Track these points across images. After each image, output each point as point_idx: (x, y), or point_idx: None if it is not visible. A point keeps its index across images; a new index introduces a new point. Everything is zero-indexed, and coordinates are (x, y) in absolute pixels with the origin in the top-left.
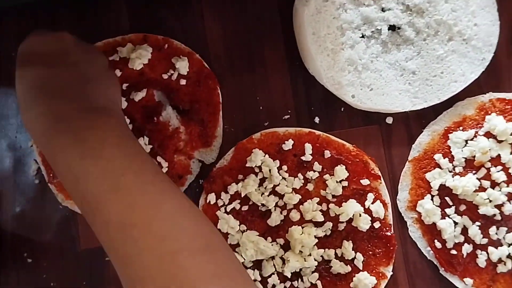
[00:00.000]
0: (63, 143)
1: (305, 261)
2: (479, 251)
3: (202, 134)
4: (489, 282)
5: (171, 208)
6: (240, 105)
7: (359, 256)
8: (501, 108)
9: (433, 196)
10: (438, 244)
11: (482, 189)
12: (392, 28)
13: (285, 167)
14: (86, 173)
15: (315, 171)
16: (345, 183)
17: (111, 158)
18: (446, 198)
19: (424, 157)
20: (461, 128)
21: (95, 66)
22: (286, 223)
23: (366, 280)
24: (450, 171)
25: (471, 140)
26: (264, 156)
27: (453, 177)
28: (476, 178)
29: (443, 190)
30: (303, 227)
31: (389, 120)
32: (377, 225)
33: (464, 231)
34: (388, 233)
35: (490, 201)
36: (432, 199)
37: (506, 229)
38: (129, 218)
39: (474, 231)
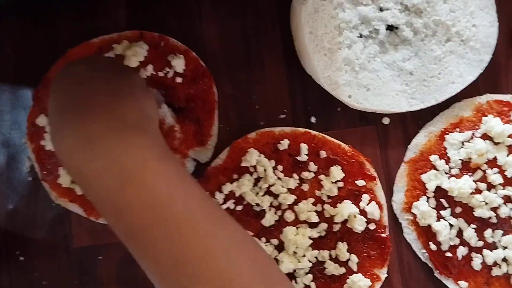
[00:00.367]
0: (98, 168)
1: (299, 262)
2: (474, 254)
3: (197, 132)
4: (484, 285)
5: (224, 239)
6: (236, 104)
7: (354, 257)
8: (499, 110)
9: (428, 198)
10: (433, 246)
11: (478, 191)
12: (390, 28)
13: (280, 167)
14: (128, 204)
15: (310, 171)
16: (341, 184)
17: (154, 187)
18: (442, 200)
19: (420, 158)
20: (457, 129)
21: (130, 83)
22: (280, 224)
23: (360, 282)
24: (446, 173)
25: (467, 141)
26: (259, 156)
27: (449, 179)
28: (472, 180)
29: (439, 192)
30: (297, 228)
31: (386, 121)
32: (372, 226)
33: (459, 233)
34: (383, 235)
35: (486, 203)
36: (427, 201)
37: (501, 232)
38: (182, 255)
39: (470, 233)
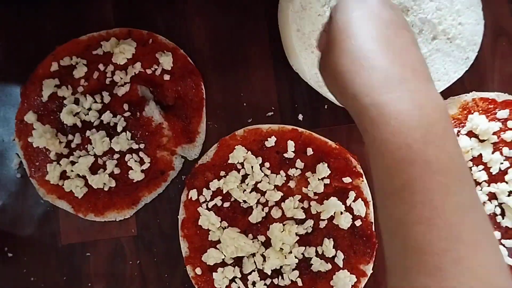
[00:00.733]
0: (403, 109)
1: (285, 258)
2: None
3: (185, 130)
4: None
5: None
6: (224, 101)
7: (340, 254)
8: (484, 107)
9: None
10: None
11: None
12: None
13: (267, 164)
14: (427, 157)
15: (297, 168)
16: (327, 181)
17: (452, 150)
18: None
19: None
20: None
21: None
22: (267, 220)
23: (346, 278)
24: None
25: None
26: (247, 153)
27: None
28: None
29: None
30: (284, 225)
31: None
32: (358, 223)
33: None
34: (369, 231)
35: None
36: None
37: None
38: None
39: None
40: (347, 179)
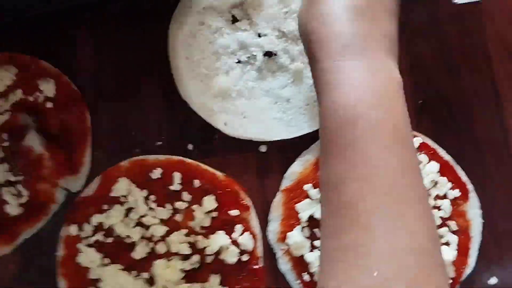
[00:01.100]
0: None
1: None
2: None
3: (69, 160)
4: None
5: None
6: (112, 130)
7: None
8: None
9: (303, 228)
10: (306, 277)
11: None
12: (269, 54)
13: (153, 197)
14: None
15: (184, 201)
16: (215, 214)
17: (396, 115)
18: (315, 230)
19: (295, 187)
20: None
21: None
22: (152, 256)
23: None
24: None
25: None
26: (130, 186)
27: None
28: None
29: (313, 221)
30: (169, 260)
31: (264, 149)
32: (245, 258)
33: None
34: (256, 266)
35: None
36: (302, 230)
37: None
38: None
39: None
40: (234, 212)
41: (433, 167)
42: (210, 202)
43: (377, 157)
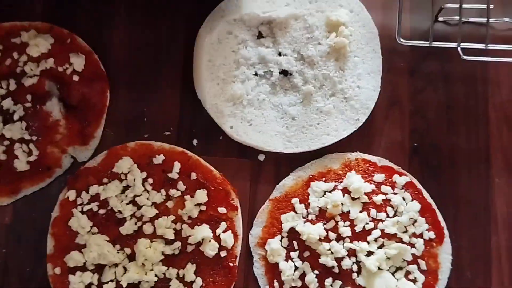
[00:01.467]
0: None
1: (145, 275)
2: None
3: (82, 132)
4: None
5: None
6: (126, 112)
7: (199, 280)
8: (364, 168)
9: (283, 237)
10: (276, 284)
11: (327, 240)
12: (285, 73)
13: (150, 180)
14: None
15: (178, 190)
16: (204, 208)
17: None
18: (294, 241)
19: (284, 199)
20: (324, 179)
21: None
22: (138, 234)
23: None
24: (304, 217)
25: (329, 192)
26: (132, 165)
27: (304, 223)
28: (324, 228)
29: (293, 233)
30: (152, 242)
31: (261, 157)
32: (223, 254)
33: (302, 276)
34: (231, 264)
35: (332, 252)
36: (281, 240)
37: (341, 282)
38: None
39: (311, 278)
40: (222, 210)
41: (414, 206)
42: (202, 196)
43: None
